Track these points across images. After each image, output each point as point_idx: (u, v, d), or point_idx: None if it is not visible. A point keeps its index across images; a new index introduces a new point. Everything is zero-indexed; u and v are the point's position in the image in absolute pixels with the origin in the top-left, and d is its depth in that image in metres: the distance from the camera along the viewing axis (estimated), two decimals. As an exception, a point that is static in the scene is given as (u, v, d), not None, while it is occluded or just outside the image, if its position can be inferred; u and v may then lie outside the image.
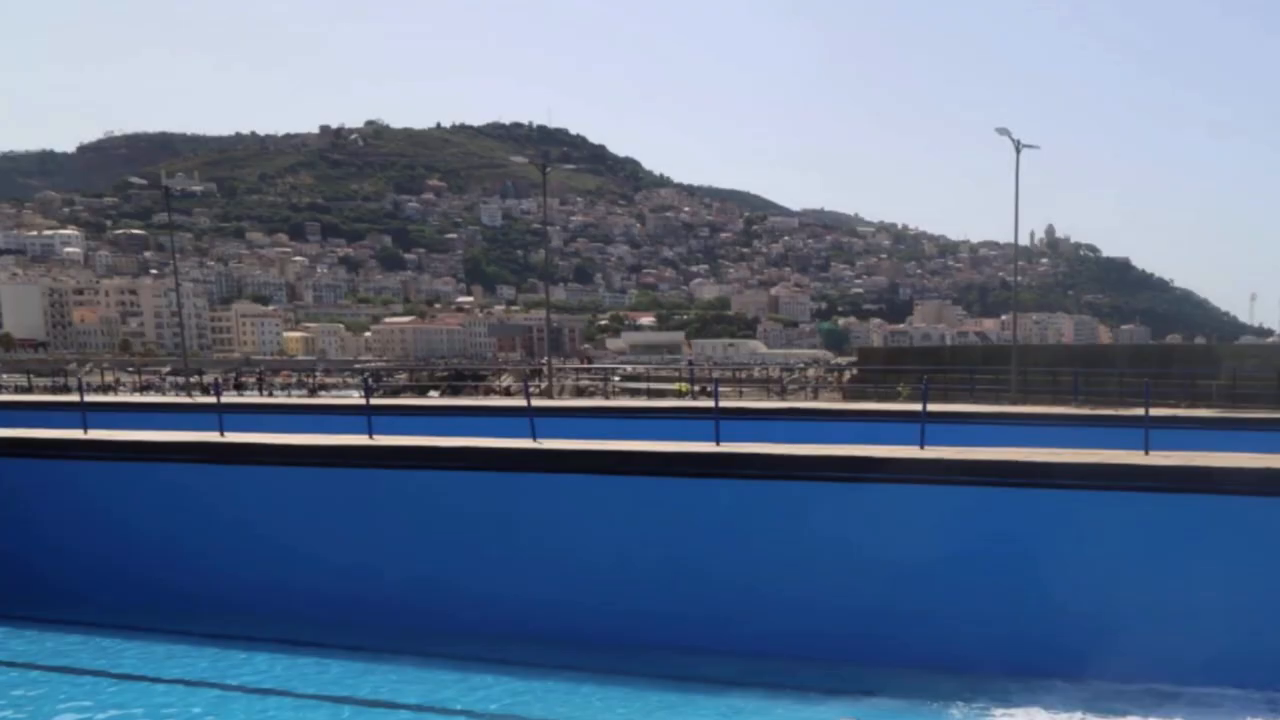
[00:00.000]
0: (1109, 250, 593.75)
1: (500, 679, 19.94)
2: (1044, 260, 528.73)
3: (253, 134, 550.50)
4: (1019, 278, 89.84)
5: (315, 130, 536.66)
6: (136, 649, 22.15)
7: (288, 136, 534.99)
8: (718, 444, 23.46)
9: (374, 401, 32.17)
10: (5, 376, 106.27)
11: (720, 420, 26.75)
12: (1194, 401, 49.97)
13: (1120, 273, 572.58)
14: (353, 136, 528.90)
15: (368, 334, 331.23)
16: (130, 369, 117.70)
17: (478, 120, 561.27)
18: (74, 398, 44.47)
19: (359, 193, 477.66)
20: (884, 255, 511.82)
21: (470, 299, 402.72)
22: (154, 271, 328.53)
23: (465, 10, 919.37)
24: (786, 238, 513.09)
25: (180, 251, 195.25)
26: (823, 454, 22.08)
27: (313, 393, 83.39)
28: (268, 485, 24.89)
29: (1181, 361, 65.45)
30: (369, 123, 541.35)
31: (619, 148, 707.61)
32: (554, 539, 22.57)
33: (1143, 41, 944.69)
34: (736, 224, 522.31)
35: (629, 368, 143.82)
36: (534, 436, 26.11)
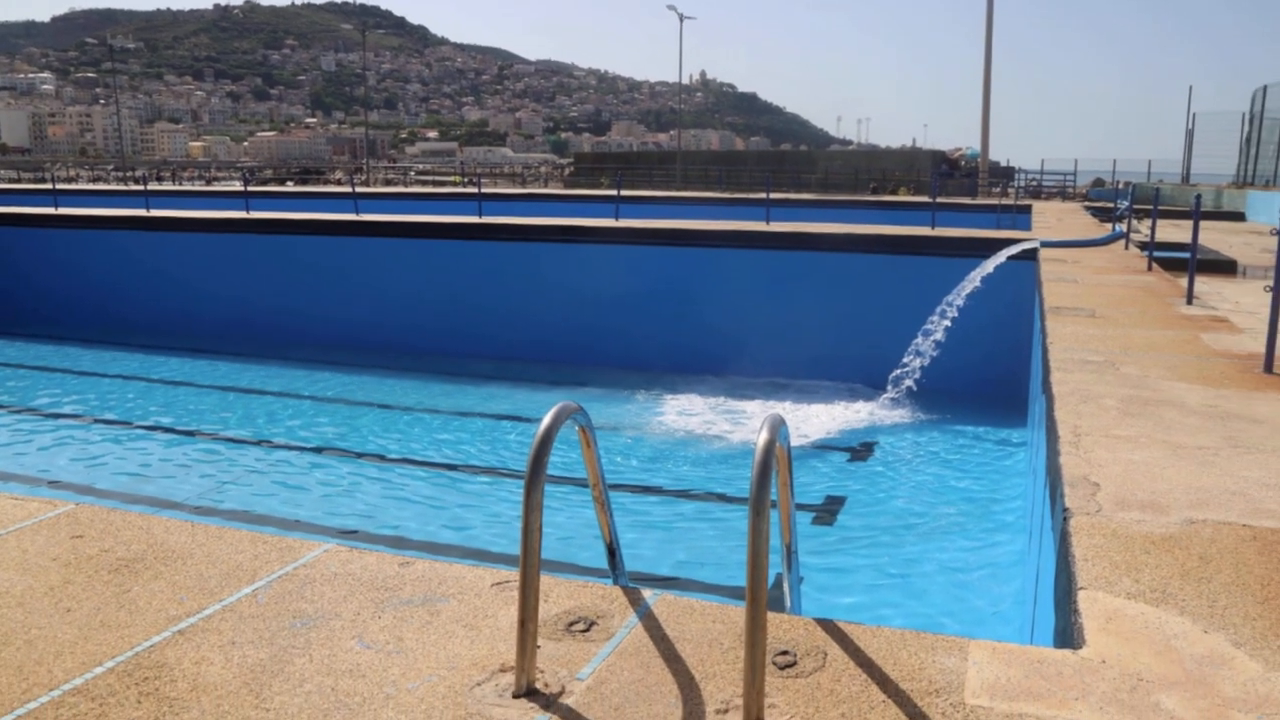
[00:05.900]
0: (743, 87, 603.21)
1: (335, 374, 18.77)
2: (699, 94, 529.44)
3: (169, 9, 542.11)
4: (682, 106, 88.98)
5: (210, 7, 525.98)
6: (91, 355, 20.48)
7: (192, 11, 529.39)
8: (480, 217, 22.43)
9: (250, 189, 30.29)
10: (1, 172, 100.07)
11: (482, 202, 25.80)
12: (799, 189, 49.95)
13: (750, 102, 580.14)
14: (235, 11, 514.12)
15: (245, 144, 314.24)
16: (86, 168, 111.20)
17: (320, 0, 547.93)
18: (48, 186, 41.79)
19: (239, 49, 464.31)
20: (592, 91, 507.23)
21: (315, 120, 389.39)
22: (102, 102, 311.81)
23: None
24: (526, 79, 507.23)
25: (120, 88, 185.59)
26: (550, 224, 21.12)
27: (209, 184, 79.76)
28: (179, 246, 23.19)
29: (791, 163, 65.42)
30: (247, 1, 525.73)
31: (414, 18, 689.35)
32: (371, 281, 21.36)
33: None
34: (493, 70, 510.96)
35: (421, 166, 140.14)
36: (357, 212, 25.12)
